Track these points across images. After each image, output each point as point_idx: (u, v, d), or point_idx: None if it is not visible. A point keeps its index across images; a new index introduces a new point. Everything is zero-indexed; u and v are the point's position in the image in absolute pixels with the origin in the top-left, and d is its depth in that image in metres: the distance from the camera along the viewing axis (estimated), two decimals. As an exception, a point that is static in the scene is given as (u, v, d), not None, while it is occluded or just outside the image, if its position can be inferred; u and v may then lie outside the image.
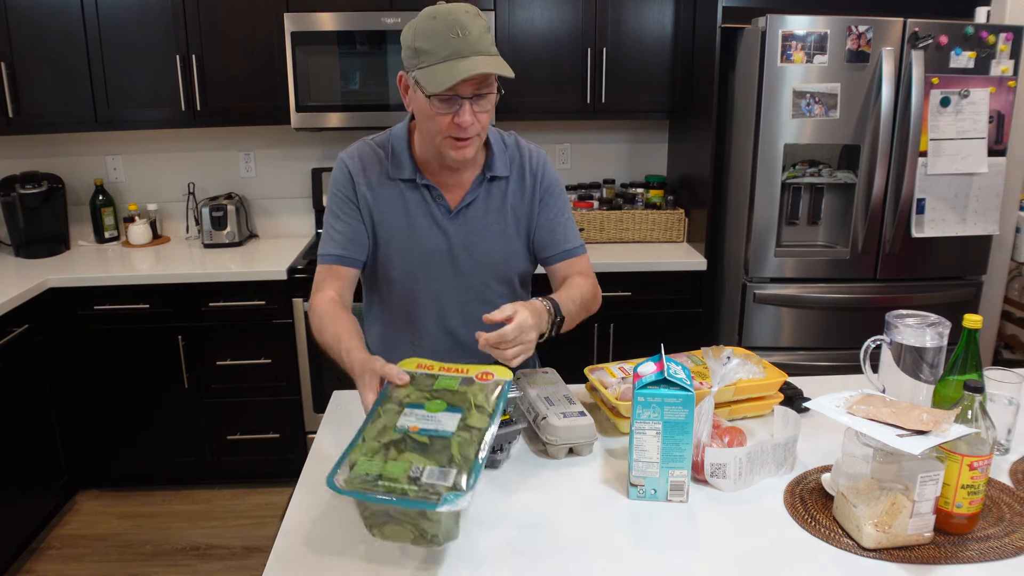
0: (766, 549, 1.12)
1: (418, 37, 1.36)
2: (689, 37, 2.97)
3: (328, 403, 1.64)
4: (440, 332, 1.62)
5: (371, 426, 1.05)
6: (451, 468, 0.99)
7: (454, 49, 1.32)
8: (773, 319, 2.79)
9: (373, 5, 2.85)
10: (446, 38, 1.32)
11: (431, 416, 1.08)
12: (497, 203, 1.57)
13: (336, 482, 0.95)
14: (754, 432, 1.47)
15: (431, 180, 1.54)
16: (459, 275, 1.58)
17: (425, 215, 1.55)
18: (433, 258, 1.56)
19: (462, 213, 1.56)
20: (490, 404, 1.13)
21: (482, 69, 1.32)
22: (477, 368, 1.21)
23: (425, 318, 1.61)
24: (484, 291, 1.60)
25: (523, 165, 1.59)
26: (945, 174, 2.65)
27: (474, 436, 1.06)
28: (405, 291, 1.59)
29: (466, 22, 1.33)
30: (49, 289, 2.76)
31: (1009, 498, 1.24)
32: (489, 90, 1.39)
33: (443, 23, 1.33)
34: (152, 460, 3.01)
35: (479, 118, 1.40)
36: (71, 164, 3.31)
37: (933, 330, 1.38)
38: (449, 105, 1.37)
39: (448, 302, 1.60)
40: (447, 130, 1.40)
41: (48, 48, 2.86)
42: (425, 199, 1.55)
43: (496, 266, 1.59)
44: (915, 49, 2.53)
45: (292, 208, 3.42)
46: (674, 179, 3.36)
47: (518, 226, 1.60)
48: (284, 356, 2.91)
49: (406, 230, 1.54)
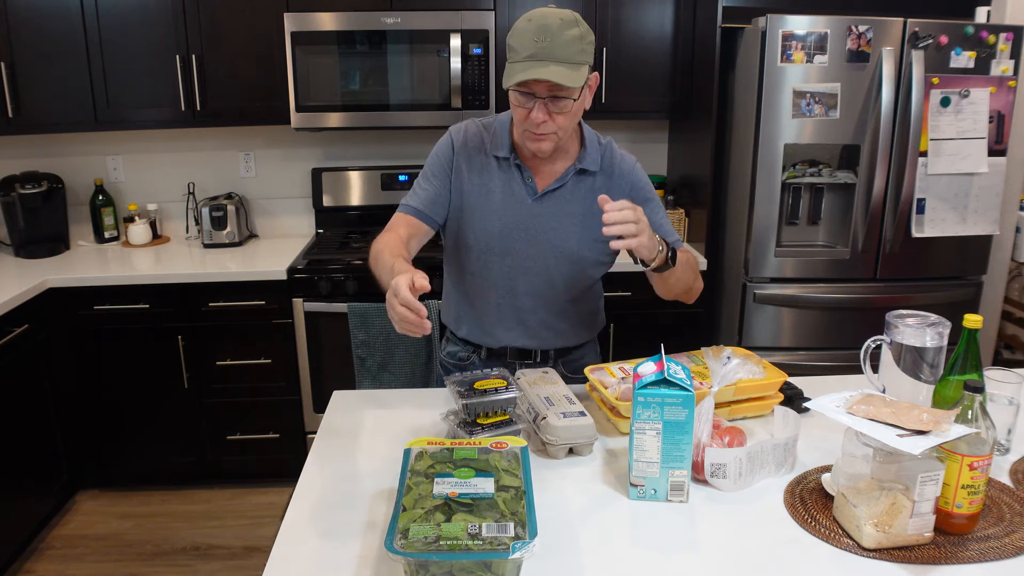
0: (766, 549, 1.12)
1: (512, 34, 1.47)
2: (689, 37, 2.97)
3: (328, 403, 1.64)
4: (511, 307, 1.69)
5: (407, 497, 1.06)
6: (506, 522, 1.01)
7: (533, 52, 1.42)
8: (773, 319, 2.79)
9: (373, 5, 2.84)
10: (530, 40, 1.42)
11: (465, 482, 1.09)
12: (582, 194, 1.64)
13: (396, 547, 0.96)
14: (754, 432, 1.47)
15: (524, 162, 1.62)
16: (532, 254, 1.64)
17: (511, 192, 1.63)
18: (511, 233, 1.63)
19: (547, 196, 1.63)
20: (516, 466, 1.15)
21: (544, 76, 1.40)
22: (489, 439, 1.22)
23: (496, 291, 1.68)
24: (555, 275, 1.67)
25: (612, 165, 1.67)
26: (945, 174, 2.65)
27: (513, 494, 1.07)
28: (479, 261, 1.67)
29: (554, 29, 1.41)
30: (49, 289, 2.76)
31: (1009, 498, 1.24)
32: (566, 94, 1.45)
33: (534, 26, 1.42)
34: (152, 460, 3.01)
35: (554, 119, 1.48)
36: (71, 164, 3.31)
37: (933, 330, 1.38)
38: (526, 99, 1.47)
39: (519, 279, 1.66)
40: (524, 123, 1.51)
41: (48, 48, 2.86)
42: (515, 178, 1.63)
43: (570, 253, 1.65)
44: (915, 49, 2.53)
45: (292, 208, 3.42)
46: (674, 179, 3.36)
47: (599, 220, 1.62)
48: (284, 356, 2.91)
49: (490, 201, 1.63)
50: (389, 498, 1.25)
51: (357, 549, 1.12)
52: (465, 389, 1.39)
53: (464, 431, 1.35)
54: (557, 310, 1.70)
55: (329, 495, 1.27)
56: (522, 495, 1.08)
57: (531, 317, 1.70)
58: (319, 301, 2.83)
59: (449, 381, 1.43)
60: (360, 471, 1.35)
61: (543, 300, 1.68)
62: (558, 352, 1.76)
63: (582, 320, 1.77)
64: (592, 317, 1.81)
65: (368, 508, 1.23)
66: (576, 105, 1.50)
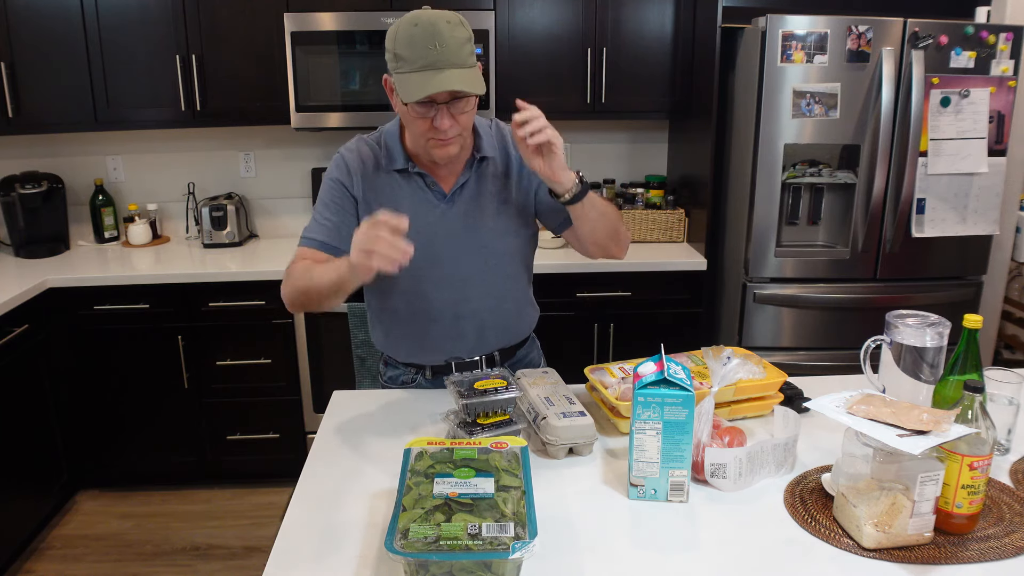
0: (766, 549, 1.12)
1: (398, 43, 1.38)
2: (689, 37, 2.97)
3: (328, 403, 1.64)
4: (450, 315, 1.63)
5: (407, 497, 1.06)
6: (506, 522, 1.01)
7: (429, 60, 1.35)
8: (773, 319, 2.79)
9: (373, 5, 2.85)
10: (423, 48, 1.35)
11: (465, 482, 1.09)
12: (488, 182, 1.61)
13: (396, 547, 0.96)
14: (754, 432, 1.47)
15: (423, 168, 1.57)
16: (461, 256, 1.60)
17: (421, 202, 1.58)
18: (434, 243, 1.57)
19: (456, 196, 1.59)
20: (516, 466, 1.15)
21: (452, 86, 1.35)
22: (489, 439, 1.22)
23: (431, 305, 1.62)
24: (485, 270, 1.62)
25: (505, 142, 1.64)
26: (945, 174, 2.65)
27: (513, 494, 1.07)
28: (410, 280, 1.59)
29: (445, 33, 1.35)
30: (49, 289, 2.76)
31: (1009, 498, 1.24)
32: (466, 95, 1.41)
33: (422, 32, 1.35)
34: (152, 460, 3.01)
35: (458, 120, 1.44)
36: (71, 164, 3.31)
37: (933, 330, 1.38)
38: (427, 110, 1.41)
39: (453, 286, 1.61)
40: (428, 132, 1.45)
41: (48, 48, 2.86)
42: (420, 187, 1.58)
43: (496, 243, 1.62)
44: (915, 49, 2.53)
45: (292, 208, 3.42)
46: (674, 179, 3.36)
47: (511, 202, 1.63)
48: (284, 356, 2.91)
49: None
50: (389, 498, 1.25)
51: (357, 549, 1.12)
52: (465, 389, 1.39)
53: (464, 431, 1.35)
54: (495, 306, 1.65)
55: (329, 495, 1.27)
56: (522, 495, 1.08)
57: (472, 322, 1.64)
58: (319, 301, 2.82)
59: (449, 381, 1.43)
60: (360, 471, 1.35)
61: (482, 300, 1.63)
62: (503, 354, 1.71)
63: (521, 309, 1.72)
64: (529, 306, 1.76)
65: (368, 508, 1.23)
66: (475, 101, 1.45)
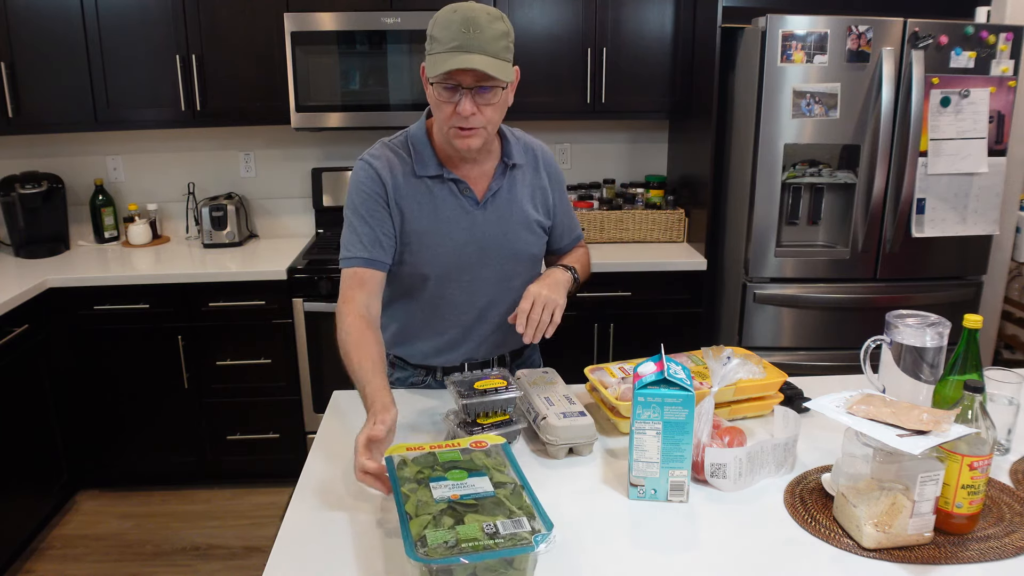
0: (766, 549, 1.12)
1: (435, 25, 1.40)
2: (689, 37, 2.97)
3: (328, 403, 1.64)
4: (474, 319, 1.65)
5: (408, 504, 1.05)
6: (519, 517, 1.00)
7: (460, 43, 1.36)
8: (773, 319, 2.79)
9: (373, 5, 2.84)
10: (457, 31, 1.36)
11: (461, 483, 1.08)
12: (519, 190, 1.62)
13: (419, 555, 0.94)
14: (754, 432, 1.47)
15: (456, 174, 1.57)
16: (490, 263, 1.61)
17: (455, 209, 1.57)
18: (466, 250, 1.58)
19: (489, 203, 1.59)
20: (503, 462, 1.15)
21: (476, 65, 1.35)
22: (467, 440, 1.21)
23: (457, 308, 1.63)
24: (512, 275, 1.64)
25: (536, 156, 1.66)
26: (945, 174, 2.65)
27: (511, 489, 1.07)
28: (438, 286, 1.60)
29: (482, 22, 1.37)
30: (49, 289, 2.76)
31: (1009, 498, 1.24)
32: (493, 84, 1.41)
33: (460, 17, 1.37)
34: (152, 460, 3.01)
35: (482, 111, 1.43)
36: (71, 164, 3.31)
37: (933, 330, 1.38)
38: (451, 94, 1.41)
39: (480, 288, 1.62)
40: (451, 119, 1.44)
41: (48, 48, 2.86)
42: (453, 193, 1.57)
43: (523, 250, 1.64)
44: (915, 49, 2.53)
45: (292, 208, 3.42)
46: (674, 179, 3.36)
47: (537, 212, 1.65)
48: (284, 356, 2.91)
49: (438, 226, 1.56)
50: (389, 498, 1.25)
51: (357, 549, 1.12)
52: (465, 389, 1.39)
53: (464, 431, 1.35)
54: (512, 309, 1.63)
55: (329, 495, 1.27)
56: (520, 489, 1.07)
57: (493, 325, 1.65)
58: (319, 301, 2.83)
59: (449, 381, 1.43)
60: (360, 471, 1.35)
61: (503, 305, 1.63)
62: (513, 355, 1.73)
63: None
64: None
65: (368, 508, 1.23)
66: (503, 97, 1.46)
